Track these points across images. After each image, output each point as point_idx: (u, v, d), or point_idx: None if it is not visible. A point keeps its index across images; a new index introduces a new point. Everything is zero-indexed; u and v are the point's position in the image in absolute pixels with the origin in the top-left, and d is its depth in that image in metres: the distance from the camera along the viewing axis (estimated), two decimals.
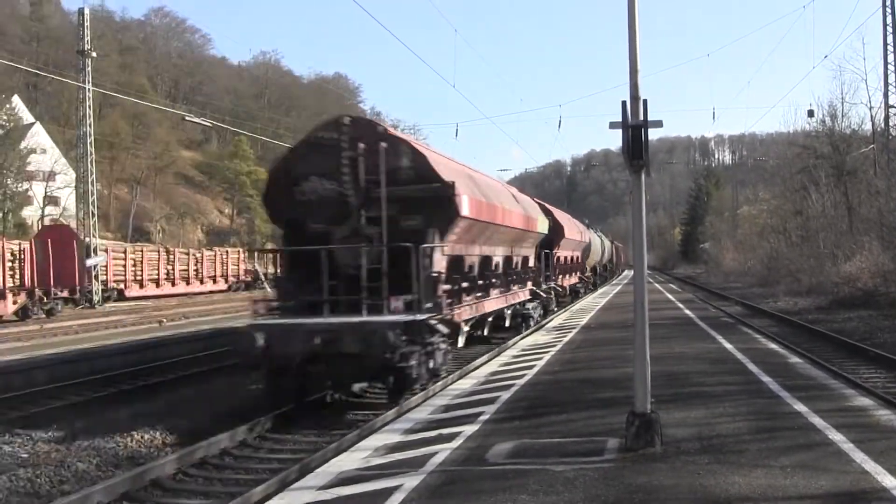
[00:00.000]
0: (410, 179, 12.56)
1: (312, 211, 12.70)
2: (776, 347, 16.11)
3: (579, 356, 15.38)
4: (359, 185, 12.52)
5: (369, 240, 12.47)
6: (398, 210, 12.53)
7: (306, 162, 12.82)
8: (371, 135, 12.62)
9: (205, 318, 28.29)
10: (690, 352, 15.11)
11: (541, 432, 8.71)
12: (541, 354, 15.88)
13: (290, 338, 11.25)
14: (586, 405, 10.11)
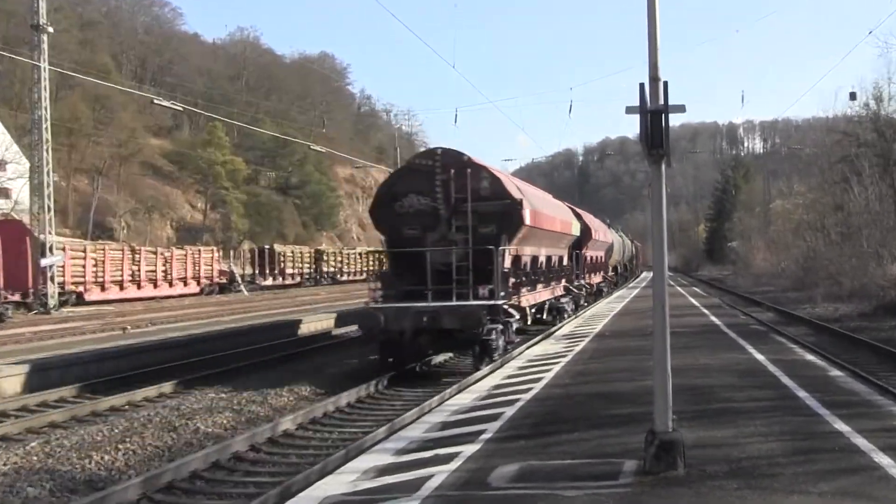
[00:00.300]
0: (488, 196, 18.68)
1: (409, 221, 18.85)
2: (814, 359, 16.09)
3: (592, 367, 15.36)
4: (449, 201, 18.60)
5: (454, 243, 18.43)
6: (477, 220, 18.56)
7: (405, 183, 19.16)
8: (458, 162, 18.78)
9: (174, 325, 28.25)
10: (717, 363, 15.09)
11: (549, 453, 8.67)
12: (549, 365, 15.86)
13: (403, 316, 17.34)
14: (600, 423, 10.10)
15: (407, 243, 19.25)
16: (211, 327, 26.83)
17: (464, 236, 18.91)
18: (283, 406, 15.51)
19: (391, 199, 19.66)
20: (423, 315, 17.73)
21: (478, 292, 18.35)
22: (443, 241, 19.07)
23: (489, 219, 19.09)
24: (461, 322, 17.76)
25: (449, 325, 17.77)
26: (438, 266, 18.57)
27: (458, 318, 17.78)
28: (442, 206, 19.12)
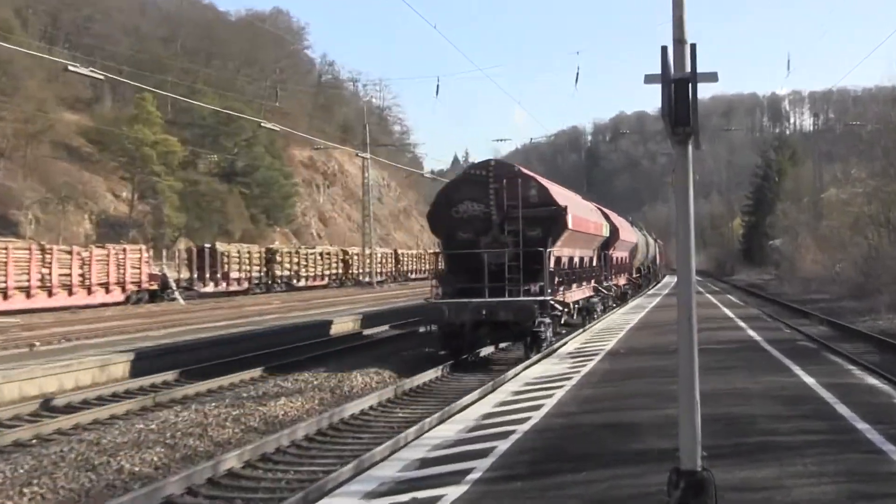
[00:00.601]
0: (536, 203, 25.06)
1: (464, 225, 25.29)
2: (876, 383, 16.13)
3: (603, 392, 15.37)
4: (501, 207, 24.96)
5: (505, 245, 24.77)
6: (526, 224, 24.80)
7: (461, 191, 25.82)
8: (509, 173, 25.68)
9: (93, 341, 28.16)
10: (756, 388, 15.12)
11: (550, 497, 8.65)
12: (551, 390, 15.86)
13: (464, 310, 23.48)
14: (612, 460, 10.11)
15: (461, 245, 25.93)
16: (139, 343, 26.74)
17: (514, 239, 25.50)
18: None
19: (448, 206, 26.29)
20: (481, 309, 24.21)
21: (529, 289, 24.97)
22: (495, 243, 25.57)
23: (537, 223, 25.64)
24: (516, 315, 24.37)
25: (504, 318, 24.32)
26: (491, 266, 25.23)
27: (513, 311, 24.36)
28: (494, 212, 25.74)
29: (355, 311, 41.99)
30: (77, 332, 31.92)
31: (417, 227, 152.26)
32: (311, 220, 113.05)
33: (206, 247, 64.15)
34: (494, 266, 25.46)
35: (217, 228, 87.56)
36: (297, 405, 18.68)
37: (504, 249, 25.55)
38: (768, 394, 14.47)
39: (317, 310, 44.87)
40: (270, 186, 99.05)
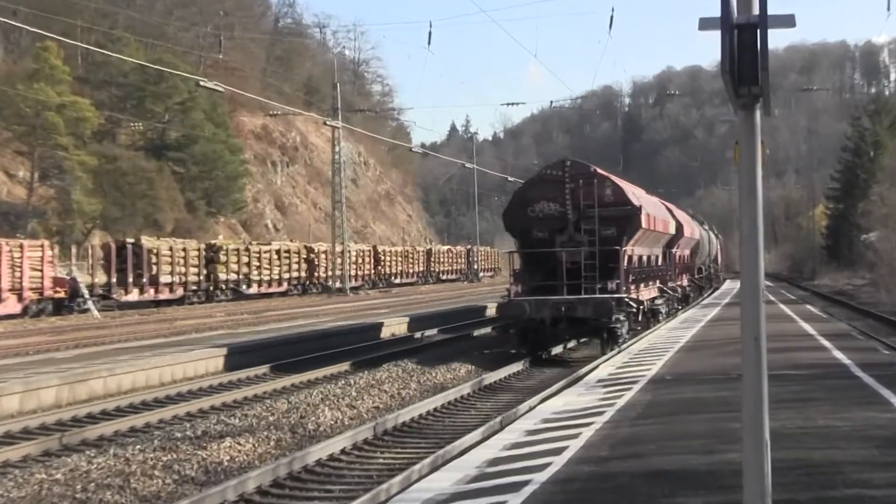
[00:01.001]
0: (611, 203, 31.52)
1: (539, 224, 31.84)
2: None
3: (644, 432, 15.36)
4: (577, 206, 31.32)
5: (580, 244, 31.02)
6: (600, 223, 31.09)
7: (537, 190, 32.57)
8: (585, 173, 32.36)
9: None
10: (844, 426, 15.12)
11: None
12: (576, 429, 15.85)
13: (543, 307, 29.81)
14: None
15: (537, 244, 33.41)
16: (41, 368, 26.69)
17: (589, 238, 32.60)
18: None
19: (524, 205, 34.04)
20: (560, 306, 31.36)
21: (605, 286, 32.15)
22: (570, 242, 32.81)
23: (611, 222, 32.78)
24: (594, 311, 31.42)
25: (582, 314, 31.52)
26: (567, 264, 32.43)
27: (591, 307, 31.46)
28: (570, 211, 33.10)
29: (318, 329, 41.98)
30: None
31: (403, 216, 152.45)
32: (265, 208, 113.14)
33: (129, 242, 64.01)
34: (570, 264, 32.99)
35: (143, 219, 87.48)
36: (247, 448, 18.67)
37: (580, 248, 33.00)
38: (859, 434, 14.44)
39: (271, 324, 44.81)
40: (212, 164, 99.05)
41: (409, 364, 31.28)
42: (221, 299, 69.06)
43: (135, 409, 24.12)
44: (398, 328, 45.45)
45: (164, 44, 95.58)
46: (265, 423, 20.92)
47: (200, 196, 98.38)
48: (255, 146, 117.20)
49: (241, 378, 29.85)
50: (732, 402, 16.18)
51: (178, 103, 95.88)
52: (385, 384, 27.01)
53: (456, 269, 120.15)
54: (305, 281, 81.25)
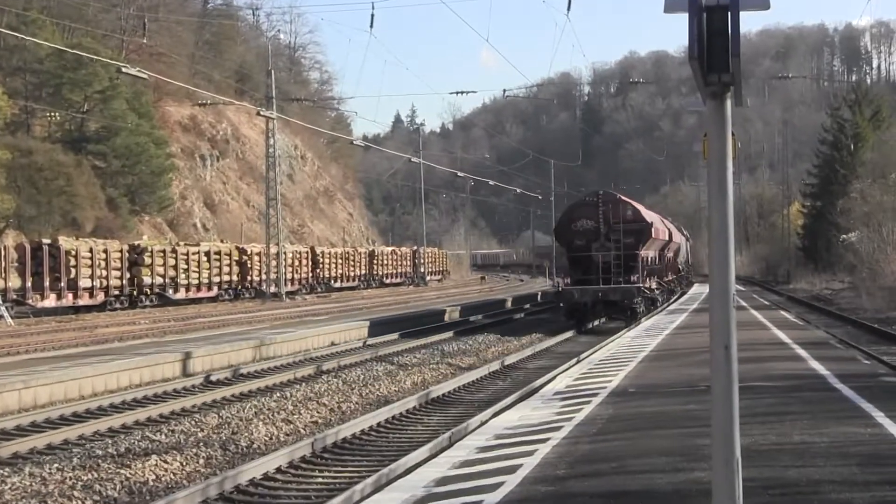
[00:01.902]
0: (630, 220, 54.59)
1: (579, 235, 54.33)
2: None
3: (605, 448, 15.44)
4: (607, 222, 53.75)
5: (609, 249, 53.32)
6: (623, 234, 53.43)
7: (578, 212, 56.04)
8: (612, 199, 56.25)
9: None
10: (822, 441, 15.22)
11: None
12: (532, 445, 15.89)
13: (586, 293, 52.33)
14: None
15: (577, 250, 52.59)
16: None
17: (615, 245, 51.53)
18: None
19: (569, 222, 53.88)
20: (598, 292, 50.40)
21: (628, 279, 51.37)
22: (601, 248, 51.31)
23: (631, 234, 51.92)
24: (623, 296, 50.74)
25: (614, 298, 50.79)
26: (601, 263, 50.69)
27: (620, 293, 50.79)
28: (602, 226, 51.93)
29: (254, 338, 41.91)
30: None
31: (344, 215, 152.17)
32: (193, 206, 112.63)
33: (46, 243, 63.63)
34: (603, 263, 52.49)
35: (61, 217, 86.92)
36: (174, 466, 18.62)
37: (610, 252, 52.76)
38: (838, 451, 14.56)
39: (201, 332, 44.72)
40: (136, 158, 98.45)
41: (350, 375, 31.32)
42: (146, 305, 68.73)
43: (52, 424, 23.99)
44: (338, 335, 45.64)
45: (83, 27, 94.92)
46: (194, 439, 20.88)
47: (123, 193, 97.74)
48: (183, 139, 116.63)
49: (169, 391, 29.77)
50: (701, 417, 16.26)
51: (98, 92, 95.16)
52: (324, 397, 27.02)
53: (401, 273, 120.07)
54: (237, 285, 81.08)
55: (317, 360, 38.23)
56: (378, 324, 50.10)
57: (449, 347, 42.05)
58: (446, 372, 34.82)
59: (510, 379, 33.51)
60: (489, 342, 45.33)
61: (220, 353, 36.35)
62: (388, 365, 35.09)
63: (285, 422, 23.19)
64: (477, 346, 43.18)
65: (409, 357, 38.28)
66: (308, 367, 35.11)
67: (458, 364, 37.10)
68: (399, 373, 32.90)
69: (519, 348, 43.12)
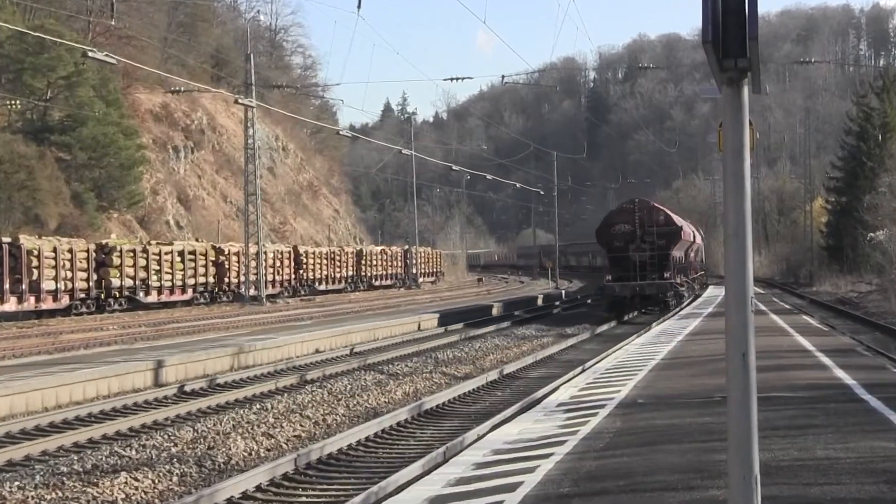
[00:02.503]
0: (663, 224, 70.85)
1: (618, 238, 69.94)
2: None
3: (613, 465, 15.45)
4: (643, 226, 69.42)
5: (644, 250, 69.20)
6: (656, 236, 69.58)
7: (617, 217, 72.00)
8: (647, 206, 72.48)
9: None
10: (847, 458, 15.18)
11: None
12: (534, 461, 15.88)
13: (625, 288, 68.51)
14: None
15: (616, 251, 68.13)
16: None
17: (650, 246, 67.19)
18: None
19: (609, 227, 68.93)
20: (636, 287, 66.34)
21: (662, 276, 66.90)
22: (637, 249, 66.91)
23: (663, 237, 67.72)
24: (658, 290, 67.10)
25: (650, 293, 66.94)
26: (637, 262, 66.59)
27: (655, 288, 66.87)
28: (638, 230, 67.24)
29: (232, 345, 41.93)
30: None
31: (329, 211, 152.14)
32: (165, 202, 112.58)
33: (5, 242, 63.55)
34: (639, 262, 65.58)
35: (22, 214, 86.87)
36: (145, 484, 18.60)
37: (645, 252, 65.88)
38: (865, 467, 14.49)
39: (174, 339, 44.70)
40: (104, 150, 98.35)
41: (336, 385, 31.33)
42: (115, 309, 68.68)
43: (12, 439, 23.97)
44: (326, 342, 45.72)
45: (46, 7, 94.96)
46: (167, 454, 20.87)
47: (89, 187, 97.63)
48: (155, 129, 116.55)
49: (140, 402, 29.76)
50: (716, 430, 16.26)
51: (62, 78, 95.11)
52: (308, 409, 27.02)
53: (391, 274, 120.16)
54: (214, 288, 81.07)
55: (300, 368, 38.29)
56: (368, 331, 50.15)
57: (443, 355, 42.05)
58: (440, 381, 34.83)
59: (510, 389, 33.55)
60: (487, 349, 45.34)
61: (194, 361, 36.39)
62: (377, 374, 35.11)
63: (266, 436, 23.20)
64: (474, 354, 43.21)
65: (399, 365, 38.26)
66: (290, 377, 35.12)
67: (453, 373, 37.15)
68: (389, 382, 32.92)
69: (519, 356, 43.14)
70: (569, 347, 48.18)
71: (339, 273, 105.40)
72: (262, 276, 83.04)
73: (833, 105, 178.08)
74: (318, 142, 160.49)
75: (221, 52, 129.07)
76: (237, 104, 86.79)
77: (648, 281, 66.20)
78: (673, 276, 67.75)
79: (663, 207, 73.21)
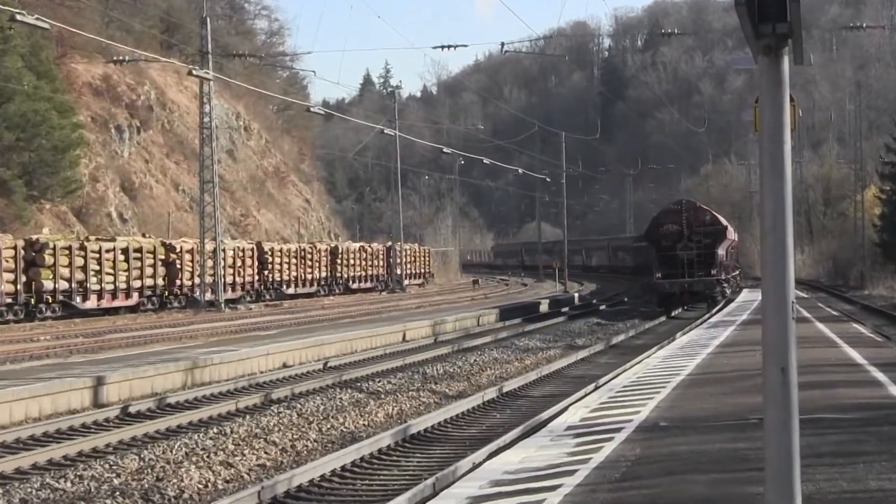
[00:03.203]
0: (708, 224, 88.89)
1: (666, 237, 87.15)
2: None
3: (631, 498, 15.55)
4: (689, 226, 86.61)
5: (691, 249, 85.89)
6: (703, 236, 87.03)
7: (665, 217, 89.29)
8: (693, 206, 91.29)
9: None
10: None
11: None
12: (538, 494, 15.93)
13: (675, 285, 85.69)
14: None
15: (665, 250, 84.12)
16: None
17: (696, 245, 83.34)
18: None
19: (658, 227, 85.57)
20: (685, 284, 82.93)
21: (709, 272, 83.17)
22: (685, 248, 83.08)
23: (709, 235, 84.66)
24: (706, 287, 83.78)
25: (698, 289, 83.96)
26: (685, 260, 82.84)
27: (703, 285, 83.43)
28: (685, 229, 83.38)
29: (184, 358, 41.99)
30: None
31: (299, 202, 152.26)
32: (107, 191, 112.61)
33: None
34: (687, 260, 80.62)
35: None
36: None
37: (692, 251, 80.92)
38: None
39: (117, 351, 44.75)
40: (34, 130, 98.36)
41: (306, 405, 31.35)
42: (47, 317, 68.66)
43: None
44: (295, 355, 45.81)
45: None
46: (108, 487, 20.91)
47: (17, 174, 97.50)
48: (94, 105, 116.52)
49: (77, 425, 29.75)
50: (751, 458, 16.29)
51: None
52: (273, 433, 27.07)
53: (372, 275, 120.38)
54: (163, 291, 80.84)
55: (265, 386, 38.46)
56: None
57: (433, 370, 42.12)
58: (429, 401, 34.89)
59: (510, 410, 33.59)
60: (483, 363, 45.38)
61: (141, 377, 36.44)
62: (355, 392, 35.14)
63: (224, 465, 23.22)
64: (468, 369, 43.25)
65: (381, 382, 38.27)
66: (253, 396, 35.18)
67: (444, 391, 37.23)
68: (369, 402, 32.98)
69: (521, 371, 43.20)
70: (579, 361, 48.16)
71: (310, 274, 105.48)
72: (221, 277, 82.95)
73: (887, 77, 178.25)
74: (285, 120, 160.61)
75: (172, 16, 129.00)
76: (191, 76, 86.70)
77: (696, 278, 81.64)
78: (719, 273, 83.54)
79: (709, 208, 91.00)
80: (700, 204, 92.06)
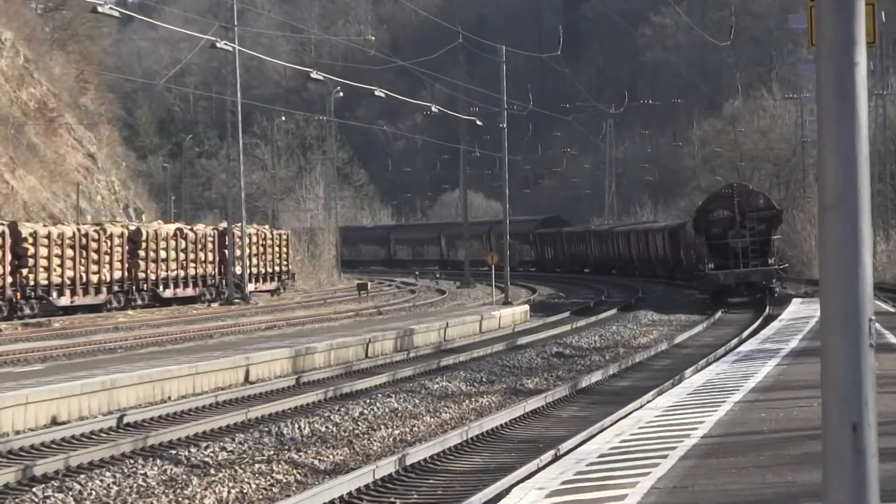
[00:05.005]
0: (762, 208, 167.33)
1: (716, 224, 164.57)
2: None
3: None
4: (742, 212, 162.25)
5: (743, 237, 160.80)
6: (756, 222, 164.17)
7: (715, 203, 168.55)
8: (745, 190, 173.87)
9: None
10: None
11: None
12: None
13: (730, 276, 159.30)
14: None
15: (715, 238, 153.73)
16: None
17: (749, 232, 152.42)
18: None
19: (707, 213, 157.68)
20: (739, 275, 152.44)
21: (765, 261, 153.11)
22: (737, 235, 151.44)
23: (763, 221, 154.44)
24: (762, 277, 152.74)
25: (754, 280, 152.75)
26: (737, 248, 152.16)
27: (760, 275, 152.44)
28: (737, 215, 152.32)
29: None
30: None
31: (78, 157, 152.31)
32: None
33: None
34: (740, 249, 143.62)
35: None
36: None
37: (745, 238, 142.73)
38: None
39: None
40: None
41: (91, 487, 31.40)
42: None
43: None
44: (71, 404, 45.91)
45: None
46: None
47: None
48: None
49: None
50: None
51: None
52: None
53: (195, 277, 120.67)
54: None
55: (21, 455, 38.43)
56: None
57: (293, 429, 42.13)
58: (285, 479, 34.92)
59: (417, 494, 33.67)
60: (375, 418, 45.48)
61: None
62: (167, 465, 35.17)
63: None
64: (351, 428, 43.31)
65: (210, 448, 38.33)
66: (5, 471, 35.13)
67: (310, 463, 37.26)
68: (191, 481, 33.00)
69: (436, 430, 43.33)
70: (528, 414, 48.16)
71: (96, 274, 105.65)
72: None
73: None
74: (57, 27, 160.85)
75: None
76: None
77: (752, 268, 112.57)
78: (777, 262, 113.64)
79: (762, 191, 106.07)
80: (753, 187, 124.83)
